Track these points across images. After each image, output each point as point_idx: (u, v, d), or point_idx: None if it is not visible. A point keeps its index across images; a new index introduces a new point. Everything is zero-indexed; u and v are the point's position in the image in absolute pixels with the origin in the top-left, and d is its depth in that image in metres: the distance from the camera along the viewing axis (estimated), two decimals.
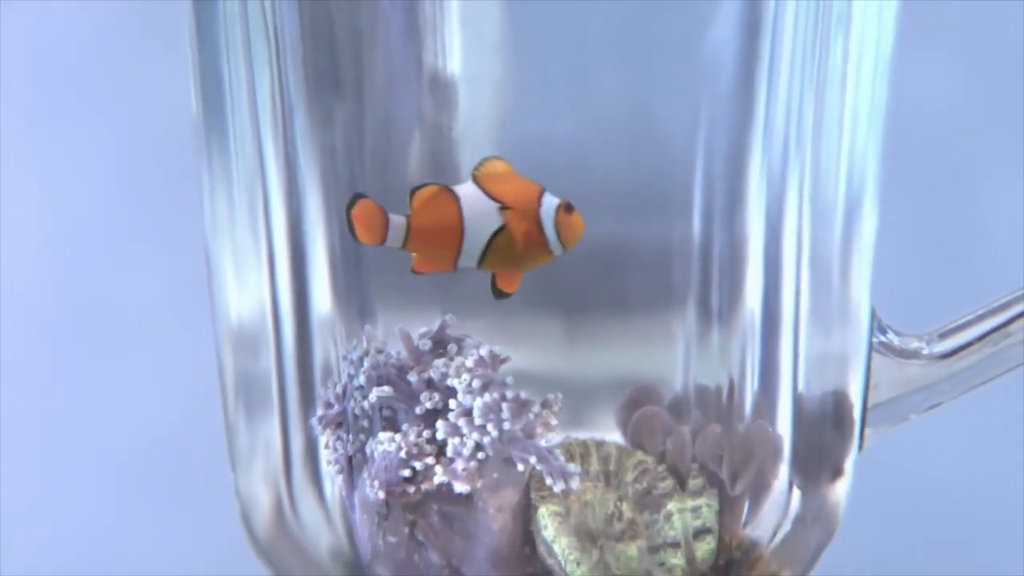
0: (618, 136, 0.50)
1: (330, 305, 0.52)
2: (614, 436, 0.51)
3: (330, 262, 0.51)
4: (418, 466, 0.49)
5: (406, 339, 0.50)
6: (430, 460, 0.49)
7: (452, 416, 0.49)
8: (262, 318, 0.53)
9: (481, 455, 0.49)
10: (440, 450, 0.49)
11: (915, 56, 0.64)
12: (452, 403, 0.49)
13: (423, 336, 0.50)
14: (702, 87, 0.50)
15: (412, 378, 0.50)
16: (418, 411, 0.49)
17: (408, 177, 0.50)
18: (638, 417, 0.51)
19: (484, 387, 0.49)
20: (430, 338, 0.50)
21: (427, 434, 0.49)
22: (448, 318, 0.50)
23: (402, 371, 0.50)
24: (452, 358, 0.50)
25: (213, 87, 0.52)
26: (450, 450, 0.49)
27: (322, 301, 0.52)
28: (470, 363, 0.49)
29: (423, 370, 0.50)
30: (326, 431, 0.51)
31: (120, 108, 0.76)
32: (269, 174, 0.52)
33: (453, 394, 0.49)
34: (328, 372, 0.52)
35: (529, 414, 0.49)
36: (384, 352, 0.50)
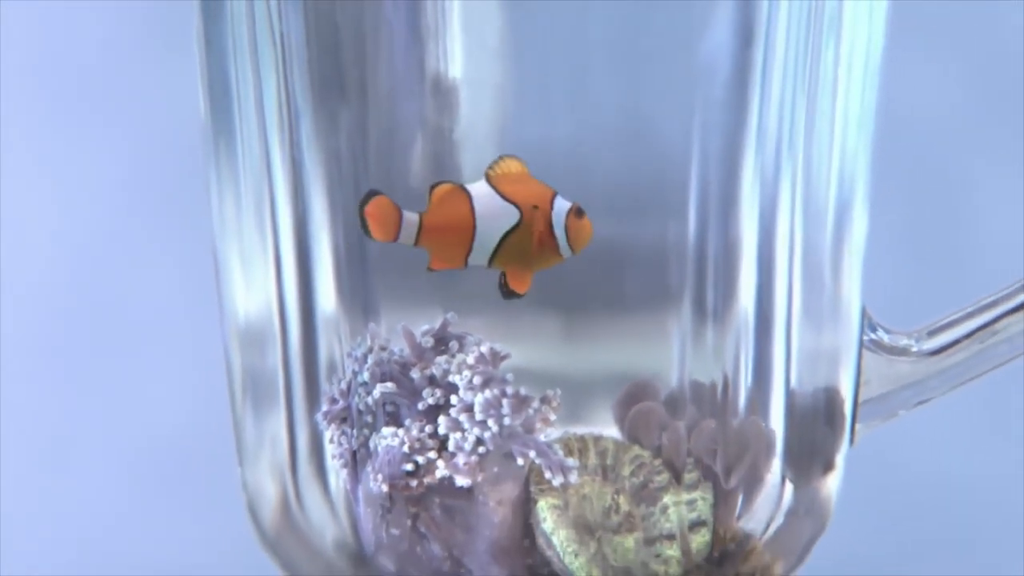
0: (615, 139, 0.50)
1: (335, 304, 0.52)
2: (611, 431, 0.51)
3: (335, 262, 0.51)
4: (420, 460, 0.49)
5: (409, 337, 0.50)
6: (432, 454, 0.49)
7: (454, 412, 0.49)
8: (269, 316, 0.53)
9: (482, 449, 0.49)
10: (442, 445, 0.49)
11: (905, 60, 0.63)
12: (454, 399, 0.49)
13: (425, 334, 0.50)
14: (697, 92, 0.50)
15: (415, 374, 0.50)
16: (420, 407, 0.50)
17: (411, 179, 0.50)
18: (635, 413, 0.51)
19: (485, 383, 0.49)
20: (432, 336, 0.50)
21: (429, 429, 0.49)
22: (450, 316, 0.50)
23: (405, 368, 0.50)
24: (454, 355, 0.50)
25: (221, 91, 0.52)
26: (452, 445, 0.49)
27: (327, 300, 0.52)
28: (471, 360, 0.49)
29: (425, 367, 0.50)
30: (331, 426, 0.51)
31: (130, 111, 0.76)
32: (276, 176, 0.52)
33: (455, 390, 0.49)
34: (333, 369, 0.52)
35: (529, 410, 0.49)
36: (387, 349, 0.50)
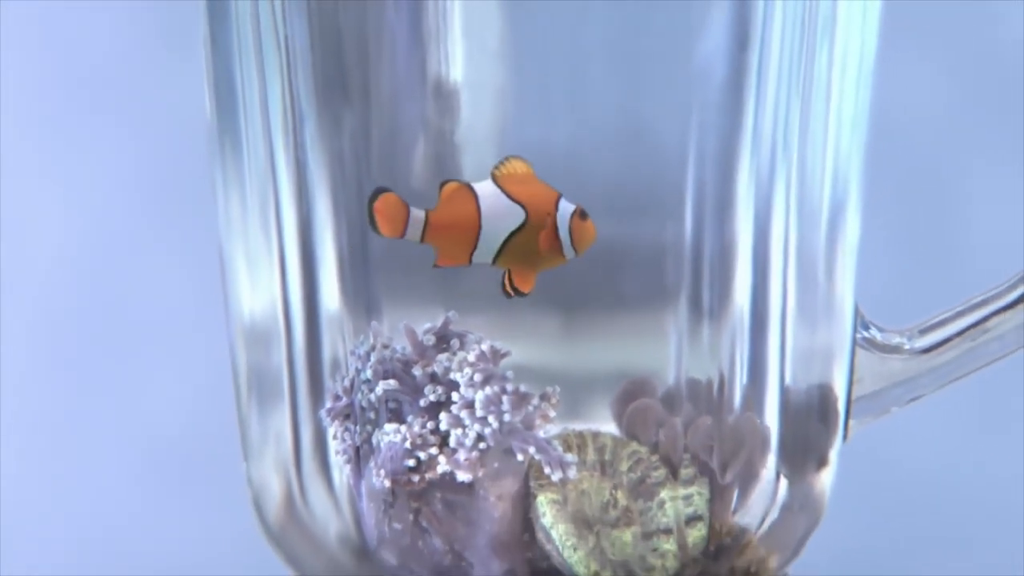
0: (614, 141, 0.50)
1: (338, 302, 0.52)
2: (609, 427, 0.51)
3: (339, 261, 0.51)
4: (422, 456, 0.49)
5: (411, 335, 0.50)
6: (434, 450, 0.49)
7: (455, 408, 0.49)
8: (274, 315, 0.53)
9: (482, 445, 0.49)
10: (443, 441, 0.49)
11: (897, 62, 0.63)
12: (455, 396, 0.49)
13: (427, 332, 0.50)
14: (693, 95, 0.50)
15: (417, 372, 0.50)
16: (422, 403, 0.50)
17: (413, 179, 0.50)
18: (632, 409, 0.51)
19: (485, 380, 0.49)
20: (434, 334, 0.50)
21: (431, 425, 0.49)
22: (451, 315, 0.50)
23: (407, 365, 0.50)
24: (455, 353, 0.50)
25: (226, 94, 0.52)
26: (453, 441, 0.49)
27: (331, 299, 0.52)
28: (472, 358, 0.49)
29: (427, 364, 0.50)
30: (334, 422, 0.51)
31: (137, 113, 0.75)
32: (280, 177, 0.52)
33: (456, 387, 0.49)
34: (336, 366, 0.52)
35: (528, 406, 0.49)
36: (390, 347, 0.50)
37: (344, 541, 0.52)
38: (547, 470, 0.49)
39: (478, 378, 0.49)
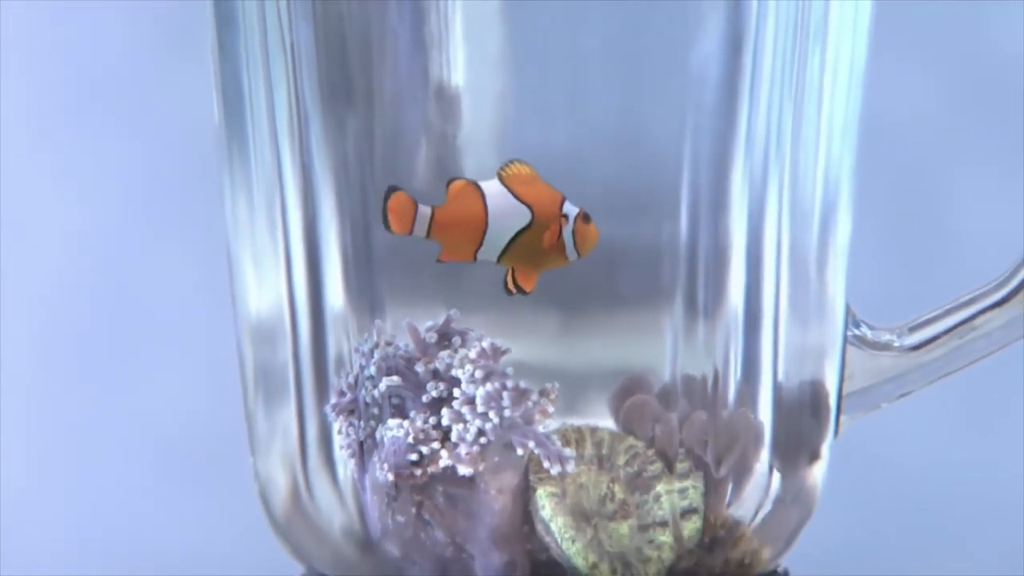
0: (611, 143, 0.51)
1: (343, 301, 0.52)
2: (607, 423, 0.51)
3: (343, 261, 0.52)
4: (425, 450, 0.49)
5: (413, 332, 0.50)
6: (436, 445, 0.49)
7: (456, 404, 0.49)
8: (280, 313, 0.53)
9: (483, 440, 0.49)
10: (445, 435, 0.49)
11: (888, 68, 0.63)
12: (456, 392, 0.49)
13: (429, 330, 0.50)
14: (689, 99, 0.50)
15: (419, 369, 0.50)
16: (425, 399, 0.50)
17: (416, 181, 0.50)
18: (629, 405, 0.51)
19: (486, 377, 0.49)
20: (436, 331, 0.50)
21: (433, 421, 0.50)
22: (453, 313, 0.50)
23: (410, 362, 0.50)
24: (456, 350, 0.50)
25: (234, 99, 0.53)
26: (454, 435, 0.49)
27: (335, 297, 0.52)
28: (473, 355, 0.49)
29: (429, 361, 0.50)
30: (339, 418, 0.52)
31: (147, 117, 0.76)
32: (286, 179, 0.52)
33: (457, 383, 0.49)
34: (341, 363, 0.52)
35: (528, 402, 0.49)
36: (393, 344, 0.50)
37: (348, 533, 0.52)
38: (546, 464, 0.49)
39: (479, 375, 0.49)
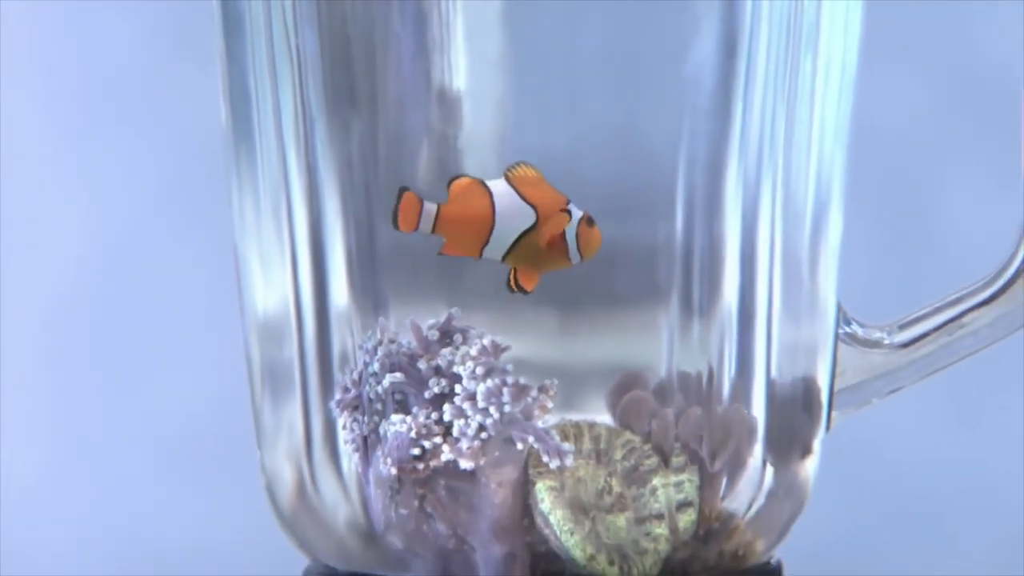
0: (608, 146, 0.51)
1: (347, 299, 0.52)
2: (604, 418, 0.52)
3: (347, 260, 0.52)
4: (427, 445, 0.50)
5: (416, 330, 0.50)
6: (438, 440, 0.50)
7: (458, 400, 0.50)
8: (286, 311, 0.53)
9: (484, 435, 0.49)
10: (447, 431, 0.50)
11: (878, 72, 0.62)
12: (458, 388, 0.50)
13: (431, 327, 0.50)
14: (684, 102, 0.51)
15: (421, 365, 0.50)
16: (427, 395, 0.50)
17: (418, 182, 0.50)
18: (626, 401, 0.52)
19: (487, 373, 0.49)
20: (438, 329, 0.50)
21: (435, 416, 0.50)
22: (454, 311, 0.50)
23: (412, 359, 0.50)
24: (458, 347, 0.50)
25: (241, 102, 0.53)
26: (456, 431, 0.49)
27: (340, 296, 0.52)
28: (474, 352, 0.50)
29: (431, 358, 0.50)
30: (344, 413, 0.52)
31: (157, 120, 0.76)
32: (292, 180, 0.52)
33: (458, 380, 0.50)
34: (345, 360, 0.52)
35: (527, 398, 0.49)
36: (396, 342, 0.51)
37: (352, 526, 0.53)
38: (545, 458, 0.50)
39: (480, 371, 0.49)
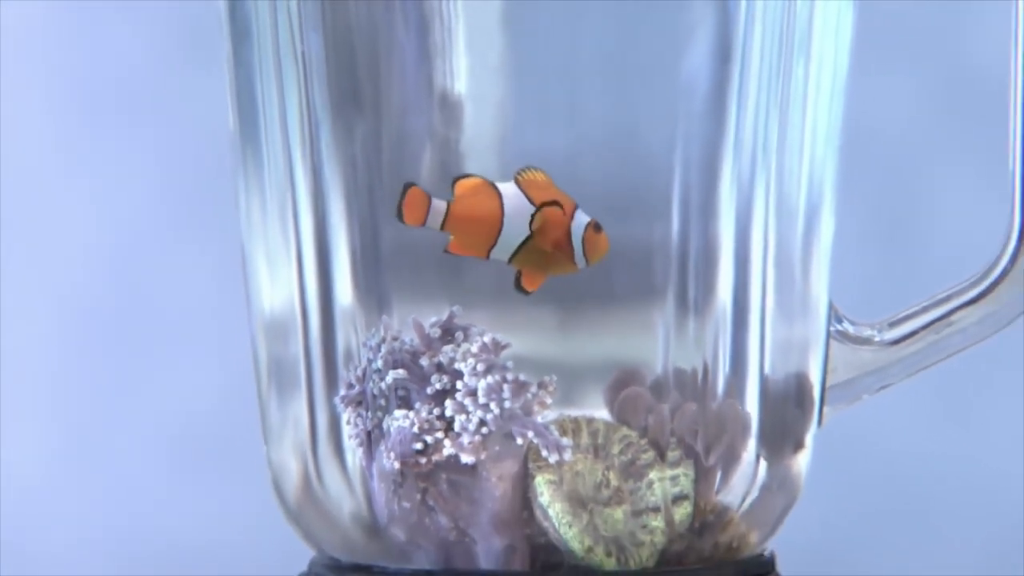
0: (606, 149, 0.51)
1: (351, 298, 0.53)
2: (602, 413, 0.52)
3: (352, 260, 0.52)
4: (429, 440, 0.50)
5: (418, 328, 0.51)
6: (440, 435, 0.50)
7: (459, 396, 0.50)
8: (291, 309, 0.54)
9: (484, 430, 0.50)
10: (448, 426, 0.50)
11: (870, 75, 0.62)
12: (459, 384, 0.50)
13: (433, 325, 0.51)
14: (680, 106, 0.51)
15: (424, 362, 0.51)
16: (429, 391, 0.51)
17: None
18: (623, 397, 0.52)
19: (487, 370, 0.50)
20: (440, 327, 0.51)
21: (437, 411, 0.50)
22: (455, 309, 0.51)
23: (415, 356, 0.51)
24: (459, 344, 0.51)
25: (248, 106, 0.54)
26: (457, 426, 0.50)
27: (344, 294, 0.53)
28: (475, 349, 0.50)
29: (433, 355, 0.51)
30: (348, 409, 0.52)
31: (165, 123, 0.77)
32: (298, 182, 0.53)
33: (460, 376, 0.50)
34: (350, 357, 0.53)
35: (527, 394, 0.50)
36: (399, 339, 0.51)
37: (357, 519, 0.53)
38: (544, 453, 0.50)
39: (480, 368, 0.50)
